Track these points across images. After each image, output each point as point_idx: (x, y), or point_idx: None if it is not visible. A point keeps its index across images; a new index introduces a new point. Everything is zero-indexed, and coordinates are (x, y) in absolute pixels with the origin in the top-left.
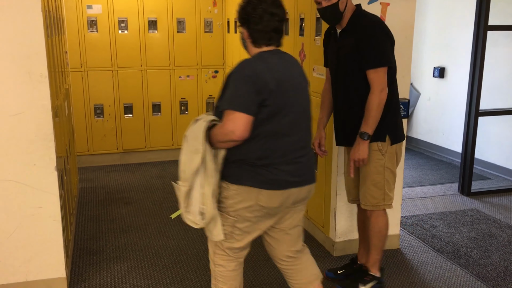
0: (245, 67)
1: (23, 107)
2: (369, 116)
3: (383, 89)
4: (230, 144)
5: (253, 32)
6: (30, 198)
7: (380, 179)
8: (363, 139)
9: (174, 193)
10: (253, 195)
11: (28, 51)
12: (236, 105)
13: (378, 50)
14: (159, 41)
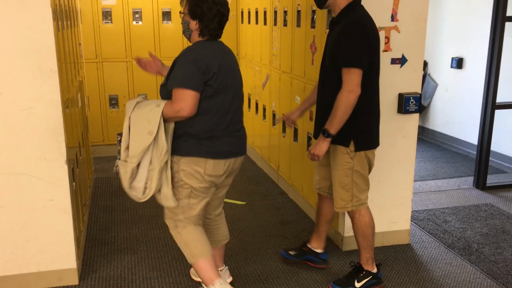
0: (191, 52)
1: (34, 101)
2: (334, 115)
3: (352, 91)
4: (178, 119)
5: (204, 28)
6: (41, 191)
7: (348, 181)
8: (324, 136)
9: None
10: (201, 164)
11: (37, 46)
12: (185, 84)
13: (351, 51)
14: (173, 31)
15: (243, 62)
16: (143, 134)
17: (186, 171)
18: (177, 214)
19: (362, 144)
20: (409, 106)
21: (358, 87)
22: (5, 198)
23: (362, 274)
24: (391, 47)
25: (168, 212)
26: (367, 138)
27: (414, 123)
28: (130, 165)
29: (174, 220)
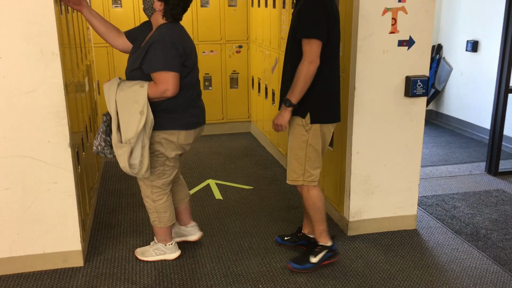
0: (166, 36)
1: (36, 84)
2: (295, 85)
3: (312, 61)
4: (161, 99)
5: (169, 10)
6: (45, 173)
7: (302, 154)
8: (285, 106)
9: (195, 169)
10: (174, 136)
11: (39, 29)
12: (168, 66)
13: (310, 22)
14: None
15: (253, 46)
16: (134, 114)
17: (161, 143)
18: (153, 181)
19: (317, 117)
20: (417, 89)
21: (318, 57)
22: (10, 181)
23: (317, 249)
24: (398, 28)
25: (145, 182)
26: (323, 111)
27: (422, 107)
28: (128, 146)
29: (150, 187)
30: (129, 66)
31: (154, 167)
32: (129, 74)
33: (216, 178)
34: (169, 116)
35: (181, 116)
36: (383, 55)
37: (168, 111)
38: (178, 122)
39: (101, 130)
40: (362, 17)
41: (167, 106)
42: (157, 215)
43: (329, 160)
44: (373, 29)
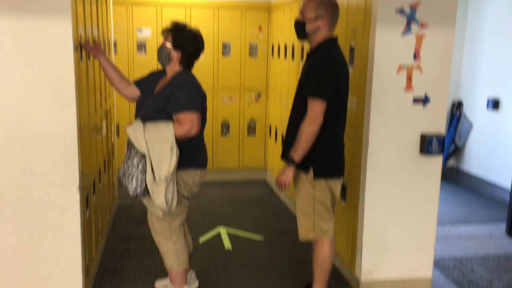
0: (189, 80)
1: (50, 128)
2: (297, 143)
3: (314, 120)
4: (185, 139)
5: (185, 58)
6: (52, 217)
7: (310, 209)
8: (288, 164)
9: (207, 216)
10: (190, 175)
11: (57, 74)
12: (192, 107)
13: (317, 82)
14: (204, 64)
15: (272, 95)
16: (165, 152)
17: (179, 182)
18: (171, 222)
19: (321, 172)
20: (432, 147)
21: (320, 116)
22: (18, 223)
23: None
24: (413, 86)
25: (163, 224)
26: (327, 166)
27: (438, 165)
28: (164, 183)
29: (169, 229)
30: (149, 109)
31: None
32: (152, 115)
33: (227, 226)
34: (188, 155)
35: (197, 155)
36: (398, 112)
37: (186, 151)
38: (196, 161)
39: (136, 173)
40: (377, 74)
41: (186, 146)
42: (176, 258)
43: (342, 215)
44: (387, 86)
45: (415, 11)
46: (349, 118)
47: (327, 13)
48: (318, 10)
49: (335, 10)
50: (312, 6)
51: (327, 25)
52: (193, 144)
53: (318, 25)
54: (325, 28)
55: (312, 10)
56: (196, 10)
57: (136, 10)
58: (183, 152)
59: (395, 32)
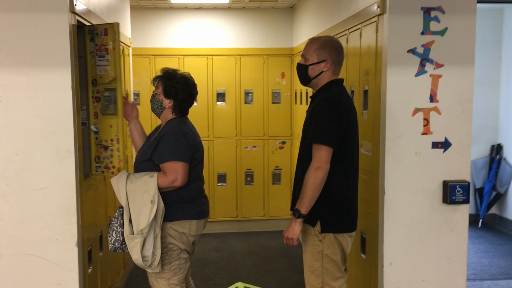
0: (178, 128)
1: (49, 181)
2: (303, 194)
3: (319, 167)
4: (170, 189)
5: (178, 105)
6: (50, 273)
7: (318, 266)
8: (295, 217)
9: (226, 269)
10: (186, 226)
11: (56, 127)
12: (178, 157)
13: (321, 127)
14: (226, 112)
15: (297, 142)
16: (146, 204)
17: (173, 235)
18: (170, 278)
19: (330, 226)
20: (456, 195)
21: (326, 164)
22: (14, 280)
23: None
24: (431, 129)
25: (161, 282)
26: (336, 220)
27: (464, 215)
28: (141, 237)
29: (168, 286)
30: (139, 158)
31: (170, 263)
32: (139, 166)
33: (246, 281)
34: (181, 206)
35: (192, 206)
36: (415, 158)
37: (179, 201)
38: (190, 212)
39: (116, 225)
40: (390, 117)
41: (178, 197)
42: None
43: (361, 270)
44: (402, 130)
45: (429, 50)
46: (365, 165)
47: (330, 56)
48: (320, 53)
49: (339, 53)
50: (314, 50)
51: (330, 68)
52: (186, 195)
53: (321, 69)
54: (329, 72)
55: (314, 54)
56: (218, 59)
57: (159, 61)
58: (175, 203)
59: (407, 73)
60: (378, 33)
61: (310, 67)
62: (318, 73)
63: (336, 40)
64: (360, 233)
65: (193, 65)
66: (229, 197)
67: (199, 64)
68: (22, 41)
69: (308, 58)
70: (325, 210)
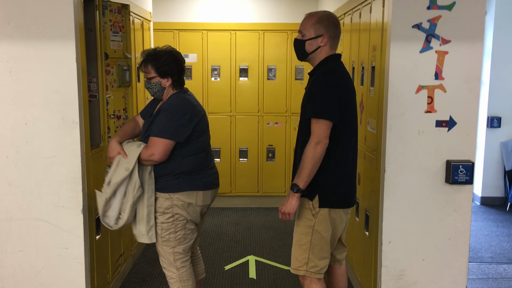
0: (174, 106)
1: (56, 150)
2: (302, 168)
3: (319, 142)
4: (150, 164)
5: (176, 80)
6: (57, 238)
7: (306, 240)
8: (293, 191)
9: (240, 242)
10: (192, 197)
11: (62, 98)
12: (162, 133)
13: (320, 101)
14: (249, 88)
15: None
16: (121, 169)
17: (179, 205)
18: (175, 247)
19: (327, 201)
20: (458, 175)
21: (326, 138)
22: (25, 243)
23: None
24: (436, 107)
25: (166, 249)
26: (334, 195)
27: (467, 195)
28: (104, 195)
29: (173, 254)
30: (143, 133)
31: (175, 232)
32: (144, 140)
33: (259, 254)
34: (188, 177)
35: (198, 177)
36: (418, 136)
37: (187, 173)
38: (196, 182)
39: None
40: (393, 94)
41: (185, 169)
42: (180, 285)
43: (365, 247)
44: (405, 108)
45: (435, 26)
46: (369, 142)
47: (327, 31)
48: (317, 28)
49: (336, 27)
50: (311, 25)
51: (328, 43)
52: (192, 166)
53: (319, 44)
54: (326, 47)
55: (311, 29)
56: (241, 34)
57: (183, 36)
58: (181, 175)
59: (412, 49)
60: (384, 7)
61: (307, 42)
62: (315, 48)
63: (333, 14)
64: (365, 211)
65: (216, 40)
66: (250, 172)
67: (222, 39)
68: (29, 14)
69: (305, 33)
70: (324, 184)
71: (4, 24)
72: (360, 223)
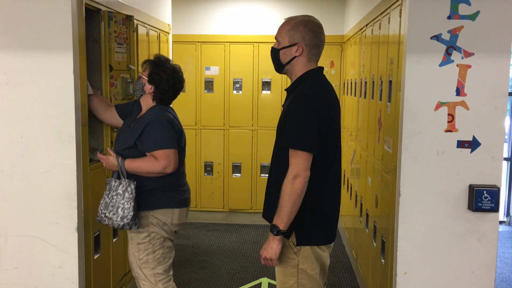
0: (162, 116)
1: (51, 165)
2: (280, 207)
3: (297, 176)
4: (160, 175)
5: (158, 94)
6: (52, 256)
7: (292, 282)
8: (273, 234)
9: (255, 263)
10: (168, 215)
11: (58, 111)
12: (168, 144)
13: (297, 130)
14: (272, 101)
15: (345, 135)
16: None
17: (155, 223)
18: (154, 268)
19: (306, 237)
20: (482, 202)
21: (305, 171)
22: (19, 260)
23: None
24: (457, 126)
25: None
26: (314, 231)
27: (493, 225)
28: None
29: (153, 276)
30: (120, 145)
31: (154, 252)
32: (122, 153)
33: (273, 277)
34: (163, 194)
35: (175, 194)
36: (437, 157)
37: (162, 189)
38: (173, 199)
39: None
40: (409, 111)
41: (161, 184)
42: None
43: (380, 276)
44: (422, 126)
45: (457, 37)
46: (386, 162)
47: (302, 38)
48: (292, 35)
49: (315, 34)
50: (286, 31)
51: (305, 54)
52: (171, 182)
53: (293, 54)
54: (303, 58)
55: (286, 36)
56: (264, 46)
57: (205, 48)
58: (158, 191)
59: (430, 62)
60: (401, 17)
61: (281, 51)
62: (290, 59)
63: (313, 20)
64: (381, 237)
65: (239, 52)
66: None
67: (244, 51)
68: (26, 24)
69: (279, 40)
70: (302, 220)
71: (1, 34)
72: (377, 249)
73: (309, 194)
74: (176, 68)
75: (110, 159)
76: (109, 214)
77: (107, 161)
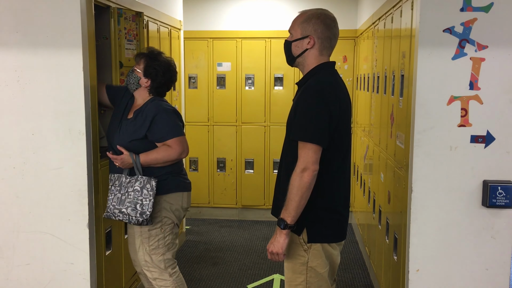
0: (166, 106)
1: (62, 162)
2: (288, 200)
3: (306, 169)
4: (176, 161)
5: (155, 87)
6: (63, 252)
7: (301, 280)
8: (280, 228)
9: (267, 259)
10: (178, 199)
11: (69, 108)
12: (179, 132)
13: (307, 122)
14: (284, 97)
15: (358, 131)
16: None
17: (167, 208)
18: (164, 254)
19: (317, 235)
20: (496, 198)
21: (314, 164)
22: (31, 256)
23: None
24: (471, 121)
25: (155, 259)
26: (325, 228)
27: (508, 221)
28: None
29: (163, 262)
30: (126, 137)
31: (164, 238)
32: (127, 145)
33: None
34: (174, 178)
35: (182, 178)
36: (450, 153)
37: (173, 173)
38: (181, 183)
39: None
40: (421, 105)
41: (173, 169)
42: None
43: (393, 273)
44: (435, 121)
45: (470, 29)
46: (398, 158)
47: (314, 31)
48: (304, 28)
49: (327, 27)
50: (299, 24)
51: (317, 47)
52: (178, 168)
53: (305, 46)
54: (315, 51)
55: (299, 28)
56: (276, 41)
57: (217, 44)
58: (169, 175)
59: (442, 55)
60: (413, 10)
61: (293, 43)
62: (301, 51)
63: (326, 13)
64: (394, 233)
65: (251, 48)
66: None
67: (257, 47)
68: (36, 22)
69: (292, 33)
70: (312, 216)
71: (12, 32)
72: (390, 246)
73: (321, 190)
74: (169, 61)
75: (124, 158)
76: (125, 210)
77: (122, 161)
